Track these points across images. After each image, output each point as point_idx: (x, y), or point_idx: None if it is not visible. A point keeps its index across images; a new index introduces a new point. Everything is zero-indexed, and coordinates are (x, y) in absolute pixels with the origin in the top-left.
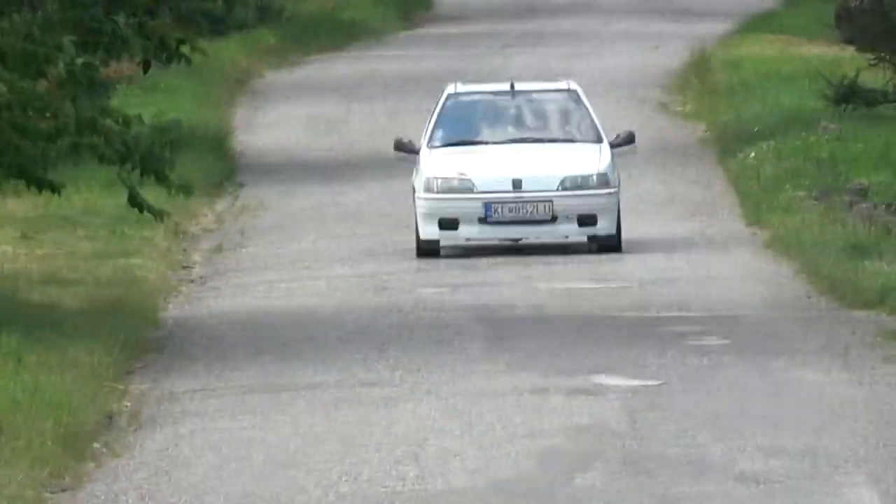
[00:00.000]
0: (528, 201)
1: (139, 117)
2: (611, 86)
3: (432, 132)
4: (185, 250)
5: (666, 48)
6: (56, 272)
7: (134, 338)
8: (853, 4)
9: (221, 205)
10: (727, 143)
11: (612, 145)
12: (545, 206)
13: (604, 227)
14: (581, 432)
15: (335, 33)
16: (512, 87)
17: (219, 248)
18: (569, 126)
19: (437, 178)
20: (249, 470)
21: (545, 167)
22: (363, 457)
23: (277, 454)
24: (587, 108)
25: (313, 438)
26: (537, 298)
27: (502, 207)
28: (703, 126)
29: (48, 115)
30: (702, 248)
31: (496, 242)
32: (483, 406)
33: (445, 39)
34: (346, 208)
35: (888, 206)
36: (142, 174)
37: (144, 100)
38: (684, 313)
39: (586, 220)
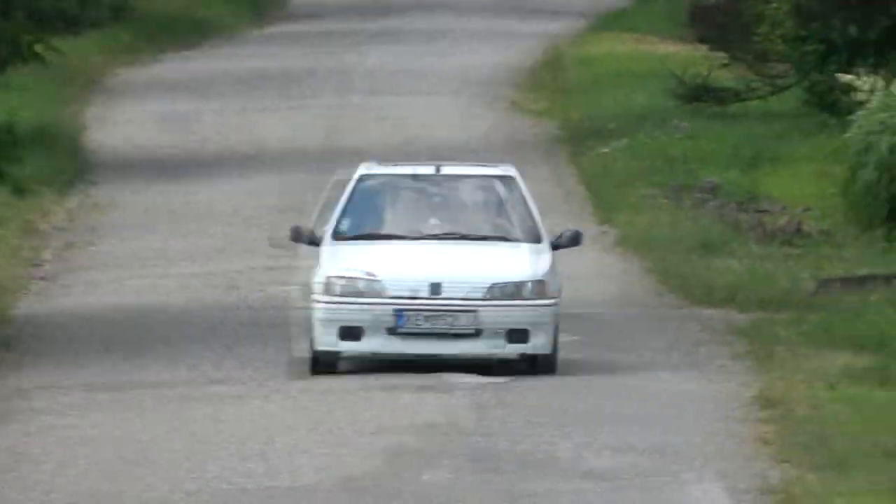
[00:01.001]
0: (448, 310)
1: None
2: (464, 84)
3: (338, 221)
4: (35, 248)
5: (520, 46)
6: None
7: None
8: (706, 3)
9: (73, 202)
10: (579, 141)
11: (554, 246)
12: (468, 317)
13: (538, 344)
14: (429, 429)
15: (189, 31)
16: (437, 169)
17: (70, 246)
18: (502, 220)
19: (340, 276)
20: (97, 467)
21: (471, 270)
22: (211, 454)
23: (125, 451)
24: (526, 199)
25: (161, 436)
26: None
27: (416, 316)
28: (555, 124)
29: None
30: None
31: (406, 358)
32: (332, 403)
33: (299, 38)
34: (198, 206)
35: (739, 203)
36: None
37: None
38: None
39: (517, 335)
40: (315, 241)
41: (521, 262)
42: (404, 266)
